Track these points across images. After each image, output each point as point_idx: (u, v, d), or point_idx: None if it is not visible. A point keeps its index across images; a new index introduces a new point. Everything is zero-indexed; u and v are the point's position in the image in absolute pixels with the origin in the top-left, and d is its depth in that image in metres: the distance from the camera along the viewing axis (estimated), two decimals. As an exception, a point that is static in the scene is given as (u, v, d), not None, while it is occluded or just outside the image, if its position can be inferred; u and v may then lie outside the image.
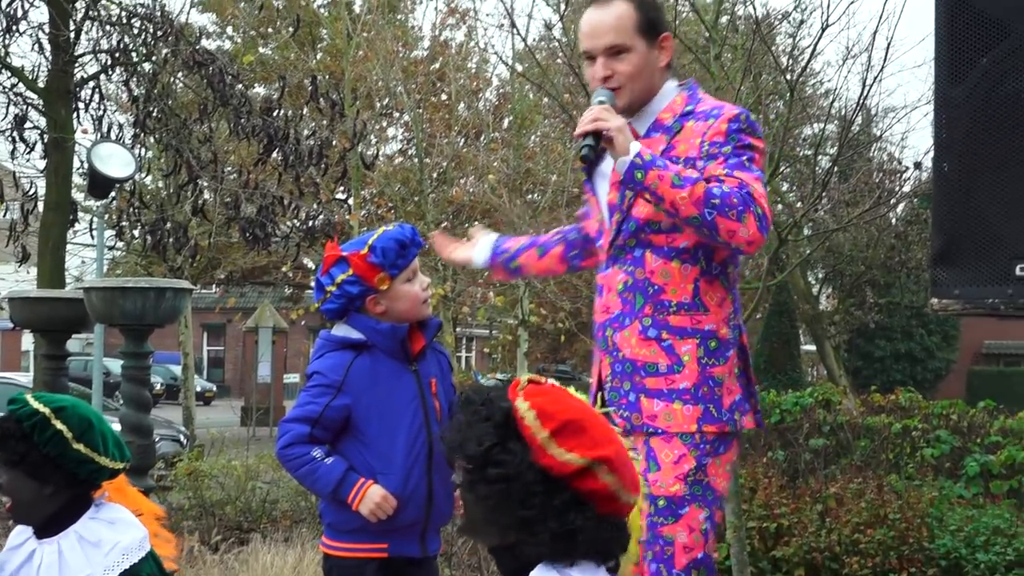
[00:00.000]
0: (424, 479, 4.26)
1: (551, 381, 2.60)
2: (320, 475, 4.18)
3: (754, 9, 9.15)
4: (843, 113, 16.61)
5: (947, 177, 2.81)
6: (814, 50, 9.41)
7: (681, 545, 3.57)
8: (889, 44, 11.39)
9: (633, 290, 3.69)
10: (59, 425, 3.40)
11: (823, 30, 8.59)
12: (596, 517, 2.43)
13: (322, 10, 25.59)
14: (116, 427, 3.86)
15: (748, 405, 3.73)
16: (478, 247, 4.43)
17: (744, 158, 3.54)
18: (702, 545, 3.59)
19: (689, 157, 3.62)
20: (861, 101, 9.04)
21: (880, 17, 9.52)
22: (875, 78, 9.85)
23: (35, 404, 3.43)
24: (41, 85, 13.19)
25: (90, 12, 13.03)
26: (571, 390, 2.62)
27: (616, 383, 3.73)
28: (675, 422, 3.59)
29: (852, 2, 12.10)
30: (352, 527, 4.23)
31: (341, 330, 4.34)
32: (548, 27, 20.31)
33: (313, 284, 4.63)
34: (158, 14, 12.98)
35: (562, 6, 11.63)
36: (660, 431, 3.61)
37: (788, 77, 9.57)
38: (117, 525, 3.48)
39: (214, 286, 34.60)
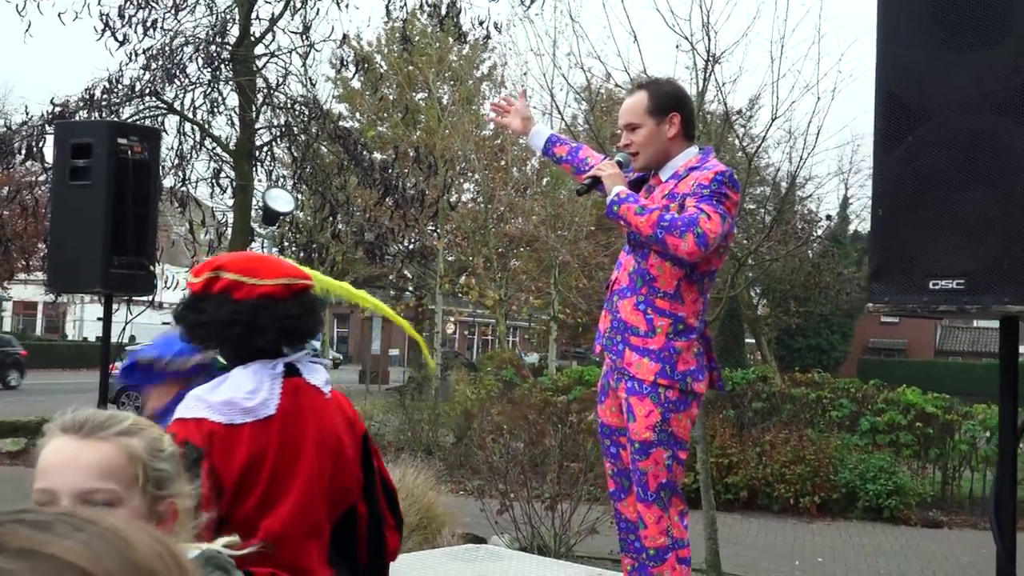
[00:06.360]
0: None
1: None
2: None
3: (725, 107, 9.07)
4: (779, 180, 16.48)
5: (881, 218, 2.76)
6: (765, 135, 9.38)
7: (651, 475, 3.55)
8: (819, 132, 11.31)
9: (637, 274, 3.64)
10: None
11: (772, 120, 8.52)
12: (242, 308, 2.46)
13: (421, 101, 25.65)
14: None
15: (702, 375, 3.62)
16: (533, 135, 4.08)
17: (714, 198, 3.47)
18: (666, 474, 3.55)
19: (684, 193, 3.57)
20: (796, 172, 8.95)
21: (813, 112, 9.50)
22: (808, 154, 9.80)
23: None
24: (232, 148, 13.26)
25: (266, 100, 13.10)
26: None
27: (612, 334, 3.68)
28: (641, 371, 3.54)
29: (793, 102, 12.03)
30: None
31: None
32: (575, 118, 20.26)
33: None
34: (311, 102, 13.11)
35: (583, 103, 11.61)
36: (633, 379, 3.56)
37: (746, 152, 9.49)
38: None
39: (343, 287, 34.60)
